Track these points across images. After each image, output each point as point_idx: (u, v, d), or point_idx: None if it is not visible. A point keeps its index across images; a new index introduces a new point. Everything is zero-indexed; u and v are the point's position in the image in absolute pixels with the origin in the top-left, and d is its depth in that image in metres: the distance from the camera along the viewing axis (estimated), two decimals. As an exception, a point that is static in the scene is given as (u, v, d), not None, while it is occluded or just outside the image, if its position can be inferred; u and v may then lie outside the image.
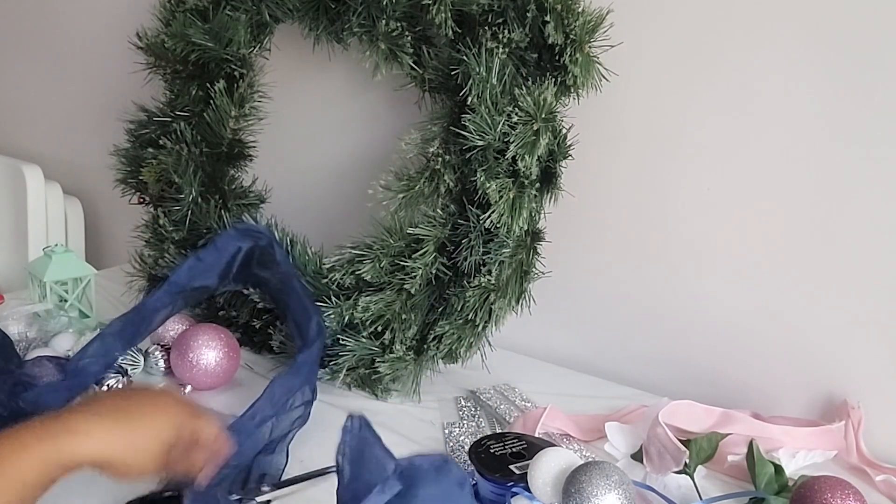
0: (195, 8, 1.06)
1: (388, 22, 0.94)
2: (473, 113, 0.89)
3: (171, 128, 1.08)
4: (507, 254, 0.92)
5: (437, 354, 0.95)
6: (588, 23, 0.89)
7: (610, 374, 1.07)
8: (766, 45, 0.89)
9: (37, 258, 1.13)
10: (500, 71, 0.89)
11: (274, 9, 1.04)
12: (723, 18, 0.91)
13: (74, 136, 1.57)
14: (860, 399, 0.90)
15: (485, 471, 0.74)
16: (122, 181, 1.12)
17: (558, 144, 0.94)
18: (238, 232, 0.89)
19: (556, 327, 1.11)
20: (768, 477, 0.76)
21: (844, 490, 0.69)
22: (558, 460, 0.70)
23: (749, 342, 0.97)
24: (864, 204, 0.87)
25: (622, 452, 0.84)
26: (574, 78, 0.90)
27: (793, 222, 0.92)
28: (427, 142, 0.93)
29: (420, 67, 0.96)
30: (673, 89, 0.96)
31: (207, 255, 0.86)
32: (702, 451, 0.79)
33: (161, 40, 1.06)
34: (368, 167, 1.14)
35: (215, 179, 1.08)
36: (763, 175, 0.93)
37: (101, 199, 1.55)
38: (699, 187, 0.97)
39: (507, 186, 0.89)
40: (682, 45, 0.94)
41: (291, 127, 1.23)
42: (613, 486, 0.65)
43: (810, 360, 0.94)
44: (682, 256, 1.00)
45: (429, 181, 0.93)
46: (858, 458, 0.87)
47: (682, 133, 0.97)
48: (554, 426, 0.90)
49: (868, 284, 0.89)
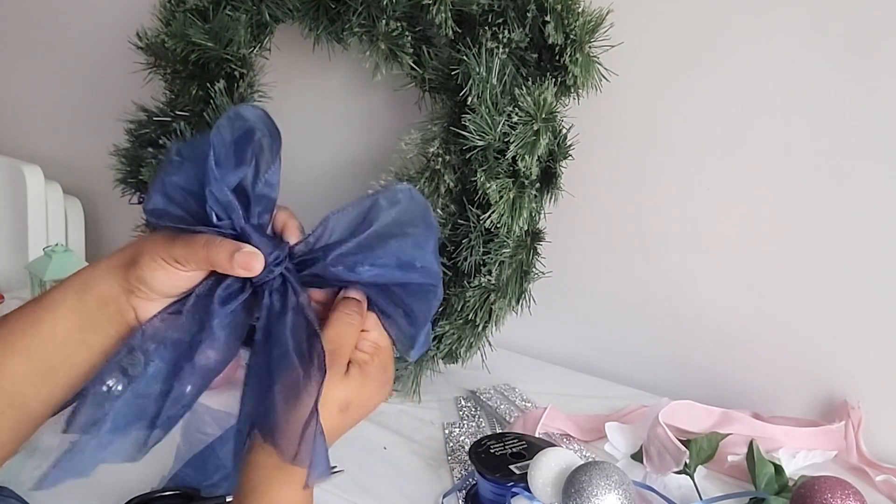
0: (195, 8, 1.05)
1: (388, 22, 0.94)
2: (473, 113, 0.89)
3: (171, 128, 1.08)
4: (507, 254, 0.92)
5: (437, 354, 0.95)
6: (588, 23, 0.89)
7: (610, 374, 1.07)
8: (767, 46, 0.89)
9: (37, 258, 1.13)
10: (500, 71, 0.89)
11: (274, 9, 1.04)
12: (723, 18, 0.91)
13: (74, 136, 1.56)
14: (860, 399, 0.90)
15: (485, 471, 0.74)
16: (122, 181, 1.12)
17: (558, 144, 0.94)
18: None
19: (556, 327, 1.11)
20: (768, 477, 0.76)
21: (844, 490, 0.69)
22: (558, 460, 0.70)
23: (749, 342, 0.98)
24: (864, 204, 0.87)
25: (622, 452, 0.84)
26: (574, 78, 0.90)
27: (793, 222, 0.92)
28: (427, 142, 0.93)
29: (420, 67, 0.96)
30: (673, 89, 0.96)
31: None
32: (702, 451, 0.79)
33: (161, 40, 1.06)
34: (368, 167, 1.13)
35: (215, 179, 1.08)
36: (763, 175, 0.93)
37: (101, 199, 1.55)
38: (699, 187, 0.97)
39: (507, 186, 0.89)
40: (682, 45, 0.94)
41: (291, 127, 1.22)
42: (613, 486, 0.65)
43: (810, 360, 0.94)
44: (682, 256, 1.00)
45: (429, 181, 0.93)
46: (858, 458, 0.87)
47: (682, 133, 0.97)
48: (554, 426, 0.90)
49: (868, 284, 0.89)
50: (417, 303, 0.55)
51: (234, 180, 0.52)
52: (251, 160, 0.52)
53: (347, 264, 0.53)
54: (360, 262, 0.53)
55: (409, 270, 0.54)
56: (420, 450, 0.87)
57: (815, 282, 0.92)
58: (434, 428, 0.92)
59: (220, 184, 0.50)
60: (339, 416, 0.52)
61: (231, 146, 0.52)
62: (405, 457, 0.86)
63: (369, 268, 0.53)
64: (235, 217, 0.51)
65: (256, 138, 0.52)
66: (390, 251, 0.54)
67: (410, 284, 0.55)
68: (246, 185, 0.52)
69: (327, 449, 0.50)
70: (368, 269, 0.53)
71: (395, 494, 0.79)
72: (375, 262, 0.53)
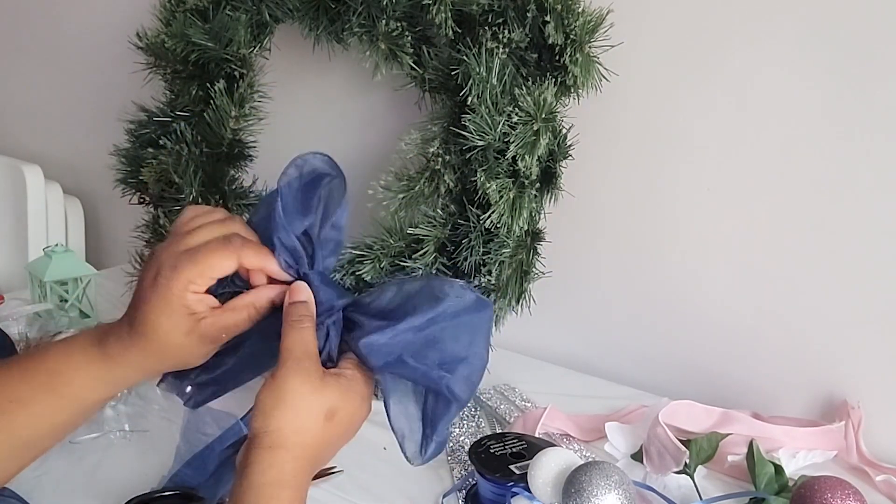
0: (195, 8, 1.06)
1: (388, 22, 0.94)
2: (473, 113, 0.89)
3: (172, 128, 1.08)
4: (507, 254, 0.92)
5: (438, 354, 0.95)
6: (588, 23, 0.89)
7: (610, 374, 1.07)
8: (766, 46, 0.89)
9: (37, 258, 1.13)
10: (500, 71, 0.89)
11: (274, 9, 1.04)
12: (723, 19, 0.91)
13: (74, 136, 1.56)
14: (860, 399, 0.90)
15: (485, 471, 0.74)
16: (122, 181, 1.12)
17: (558, 144, 0.94)
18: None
19: (556, 327, 1.11)
20: (768, 477, 0.76)
21: (844, 490, 0.69)
22: (558, 460, 0.70)
23: (749, 342, 0.97)
24: (864, 203, 0.87)
25: (622, 452, 0.84)
26: (574, 78, 0.90)
27: (793, 222, 0.92)
28: (427, 142, 0.93)
29: (420, 67, 0.96)
30: (673, 89, 0.96)
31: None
32: (702, 451, 0.79)
33: (161, 40, 1.06)
34: (368, 167, 1.13)
35: (215, 179, 1.08)
36: (763, 175, 0.93)
37: (101, 199, 1.55)
38: (699, 187, 0.97)
39: (507, 186, 0.89)
40: (682, 45, 0.94)
41: (291, 127, 1.22)
42: (613, 486, 0.65)
43: (810, 360, 0.94)
44: (682, 256, 1.00)
45: (429, 181, 0.93)
46: (858, 458, 0.87)
47: (681, 133, 0.97)
48: (554, 426, 0.90)
49: (868, 284, 0.89)
50: (438, 405, 0.53)
51: (300, 227, 0.53)
52: (318, 206, 0.54)
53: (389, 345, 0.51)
54: (404, 351, 0.51)
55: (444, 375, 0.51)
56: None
57: (815, 282, 0.92)
58: (434, 428, 0.92)
59: (286, 231, 0.52)
60: (327, 425, 0.50)
61: (298, 192, 0.53)
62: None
63: (411, 359, 0.51)
64: (301, 263, 0.53)
65: (324, 183, 0.54)
66: (439, 349, 0.51)
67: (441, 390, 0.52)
68: (312, 231, 0.54)
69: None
70: (411, 360, 0.51)
71: (395, 494, 0.79)
72: (417, 357, 0.51)
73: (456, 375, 0.51)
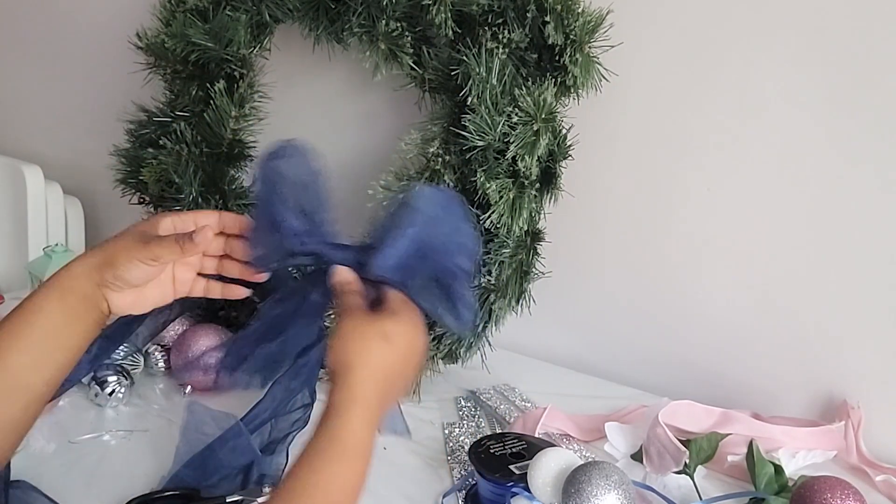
0: (195, 8, 1.05)
1: (388, 22, 0.94)
2: (473, 113, 0.89)
3: (171, 128, 1.08)
4: (507, 254, 0.92)
5: (437, 355, 0.95)
6: (588, 23, 0.89)
7: (610, 374, 1.07)
8: (765, 46, 0.89)
9: (37, 258, 1.13)
10: (500, 71, 0.89)
11: (274, 9, 1.04)
12: (723, 19, 0.91)
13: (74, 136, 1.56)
14: (860, 399, 0.90)
15: (485, 471, 0.74)
16: (122, 181, 1.12)
17: (558, 145, 0.94)
18: None
19: (556, 327, 1.11)
20: (768, 477, 0.76)
21: (844, 490, 0.69)
22: (558, 460, 0.70)
23: (749, 342, 0.98)
24: (864, 203, 0.87)
25: (622, 452, 0.84)
26: (574, 78, 0.90)
27: (792, 222, 0.92)
28: (427, 142, 0.93)
29: (420, 67, 0.96)
30: (673, 89, 0.96)
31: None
32: (702, 451, 0.79)
33: (161, 40, 1.06)
34: (368, 167, 1.13)
35: (215, 179, 1.08)
36: (762, 175, 0.93)
37: (101, 199, 1.55)
38: (699, 187, 0.97)
39: (507, 187, 0.89)
40: (682, 45, 0.94)
41: (291, 127, 1.22)
42: (613, 486, 0.65)
43: (810, 360, 0.94)
44: (682, 256, 1.00)
45: (429, 181, 0.92)
46: (858, 458, 0.87)
47: (681, 133, 0.97)
48: (554, 426, 0.90)
49: (868, 285, 0.89)
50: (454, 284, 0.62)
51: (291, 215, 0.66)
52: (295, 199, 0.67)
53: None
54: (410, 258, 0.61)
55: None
56: (420, 450, 0.87)
57: (815, 282, 0.92)
58: (434, 428, 0.92)
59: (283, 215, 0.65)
60: (385, 345, 0.57)
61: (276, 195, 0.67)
62: (405, 457, 0.86)
63: (419, 261, 0.61)
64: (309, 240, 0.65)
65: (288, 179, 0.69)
66: (435, 245, 0.61)
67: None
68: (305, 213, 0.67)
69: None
70: (419, 262, 0.61)
71: (395, 494, 0.79)
72: (423, 259, 0.61)
73: (459, 256, 0.62)
